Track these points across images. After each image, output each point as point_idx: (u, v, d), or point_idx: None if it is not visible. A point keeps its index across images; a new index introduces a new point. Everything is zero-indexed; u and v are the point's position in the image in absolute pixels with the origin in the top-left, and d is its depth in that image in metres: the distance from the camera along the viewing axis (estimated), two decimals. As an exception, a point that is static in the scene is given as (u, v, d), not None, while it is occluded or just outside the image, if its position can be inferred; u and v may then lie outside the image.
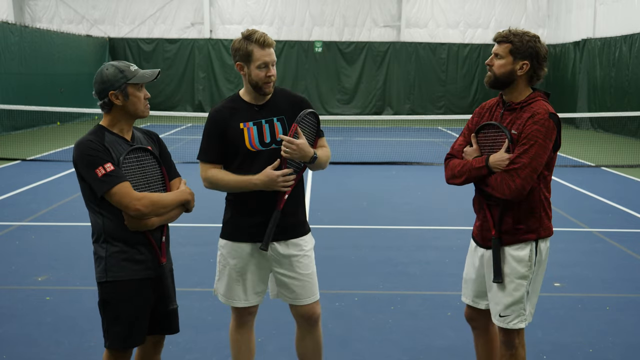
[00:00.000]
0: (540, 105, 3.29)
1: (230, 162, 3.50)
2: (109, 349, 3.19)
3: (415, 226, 8.33)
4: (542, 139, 3.21)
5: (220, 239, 3.62)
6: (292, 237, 3.53)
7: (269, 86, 3.42)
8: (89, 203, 3.11)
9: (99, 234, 3.12)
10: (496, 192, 3.27)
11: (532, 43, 3.28)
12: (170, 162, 3.32)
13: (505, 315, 3.38)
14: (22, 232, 7.67)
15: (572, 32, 23.42)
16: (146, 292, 3.17)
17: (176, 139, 17.53)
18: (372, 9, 26.01)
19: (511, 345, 3.44)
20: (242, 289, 3.56)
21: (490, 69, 3.36)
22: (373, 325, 5.06)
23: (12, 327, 4.92)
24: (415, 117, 18.42)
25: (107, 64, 3.12)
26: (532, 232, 3.35)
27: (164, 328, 3.34)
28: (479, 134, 3.44)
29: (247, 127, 3.43)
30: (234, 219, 3.56)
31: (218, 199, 3.90)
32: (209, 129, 3.50)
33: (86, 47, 23.66)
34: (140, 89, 3.12)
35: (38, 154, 14.08)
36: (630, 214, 8.97)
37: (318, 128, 3.59)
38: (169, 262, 3.31)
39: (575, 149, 15.68)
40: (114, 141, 3.10)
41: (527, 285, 3.37)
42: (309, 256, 3.59)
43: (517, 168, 3.20)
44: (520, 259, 3.34)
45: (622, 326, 5.08)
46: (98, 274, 3.14)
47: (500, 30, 3.38)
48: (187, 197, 3.24)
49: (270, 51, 3.37)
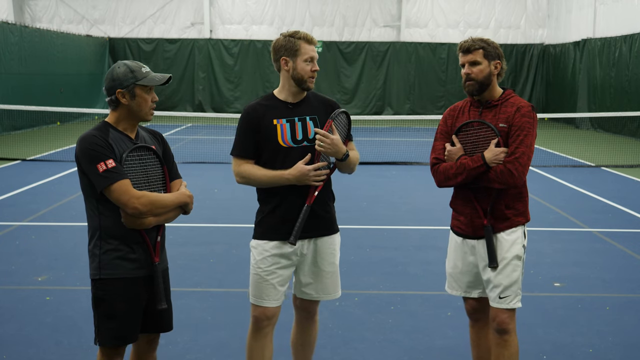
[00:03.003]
0: (519, 99, 3.57)
1: (262, 157, 3.57)
2: (101, 346, 3.19)
3: (415, 226, 8.33)
4: (531, 129, 3.49)
5: (252, 240, 3.66)
6: (321, 235, 3.62)
7: (312, 81, 3.56)
8: (88, 198, 3.13)
9: (95, 231, 3.13)
10: (497, 183, 3.47)
11: (494, 44, 3.57)
12: (172, 163, 3.34)
13: (505, 296, 3.54)
14: (22, 232, 7.67)
15: (572, 32, 23.41)
16: (139, 290, 3.17)
17: (176, 139, 17.54)
18: (372, 9, 26.01)
19: (506, 330, 3.54)
20: (272, 288, 3.58)
21: (469, 77, 3.54)
22: (373, 325, 5.07)
23: (12, 327, 4.92)
24: (415, 117, 18.43)
25: (120, 62, 3.16)
26: (521, 215, 3.60)
27: (157, 326, 3.34)
28: (459, 134, 3.60)
29: (280, 124, 3.53)
30: (266, 219, 3.60)
31: (218, 199, 3.89)
32: (243, 124, 3.58)
33: (86, 47, 23.66)
34: (148, 91, 3.14)
35: (38, 154, 14.08)
36: (630, 214, 8.97)
37: (349, 130, 3.69)
38: (163, 263, 3.31)
39: (575, 149, 15.68)
40: (118, 138, 3.12)
41: (522, 265, 3.59)
42: (336, 254, 3.71)
43: (519, 157, 3.43)
44: (514, 241, 3.55)
45: (622, 326, 5.08)
46: (92, 271, 3.15)
47: (462, 42, 3.60)
48: (186, 199, 3.25)
49: (314, 48, 3.55)
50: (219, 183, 10.86)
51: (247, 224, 8.01)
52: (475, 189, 3.56)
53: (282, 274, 3.58)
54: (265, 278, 3.56)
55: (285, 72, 3.55)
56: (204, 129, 20.85)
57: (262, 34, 25.87)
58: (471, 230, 3.62)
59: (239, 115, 3.71)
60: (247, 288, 3.69)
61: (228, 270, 6.33)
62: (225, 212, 8.73)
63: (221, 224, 8.22)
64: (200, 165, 12.72)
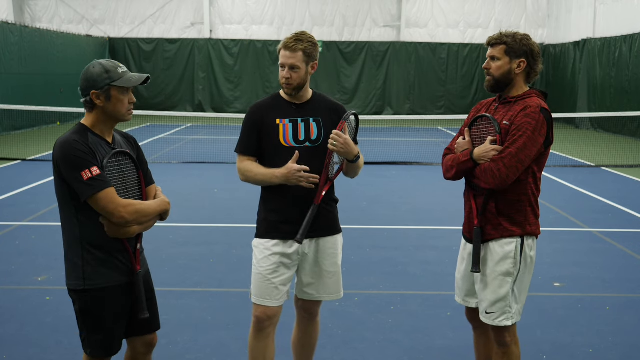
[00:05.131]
0: (533, 100, 3.36)
1: (264, 156, 3.59)
2: (91, 357, 3.14)
3: (415, 226, 8.33)
4: (531, 132, 3.26)
5: (254, 239, 3.66)
6: (323, 235, 3.63)
7: (288, 87, 3.53)
8: (66, 206, 3.01)
9: (73, 240, 3.02)
10: (481, 181, 3.34)
11: (525, 41, 3.38)
12: (147, 167, 3.24)
13: (491, 312, 3.41)
14: (22, 232, 7.67)
15: (572, 32, 23.41)
16: (123, 298, 3.11)
17: (176, 139, 17.54)
18: (372, 9, 26.00)
19: (503, 343, 3.46)
20: (274, 288, 3.58)
21: (489, 72, 3.42)
22: (373, 325, 5.07)
23: (12, 327, 4.92)
24: (415, 117, 18.44)
25: (96, 61, 3.02)
26: (517, 225, 3.37)
27: (145, 328, 3.27)
28: (472, 128, 3.52)
29: (282, 123, 3.55)
30: (268, 217, 3.61)
31: (218, 199, 3.89)
32: (247, 122, 3.61)
33: (86, 47, 23.65)
34: (125, 92, 3.01)
35: (38, 154, 14.08)
36: (630, 214, 8.97)
37: (356, 133, 3.69)
38: (143, 267, 3.25)
39: (575, 149, 15.68)
40: (97, 143, 3.00)
41: (511, 282, 3.39)
42: (338, 254, 3.71)
43: (504, 157, 3.26)
44: (506, 255, 3.37)
45: (622, 326, 5.08)
46: (73, 281, 3.04)
47: (492, 35, 3.46)
48: (167, 207, 3.17)
49: (287, 53, 3.51)
50: (219, 183, 10.86)
51: (247, 224, 8.02)
52: (473, 187, 3.45)
53: (284, 273, 3.58)
54: (267, 277, 3.56)
55: None
56: (204, 129, 20.85)
57: (262, 34, 25.88)
58: (467, 230, 3.54)
59: (239, 115, 3.74)
60: (247, 288, 3.69)
61: (228, 270, 6.33)
62: (225, 212, 8.73)
63: (221, 224, 8.22)
64: (200, 165, 12.72)
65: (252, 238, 3.69)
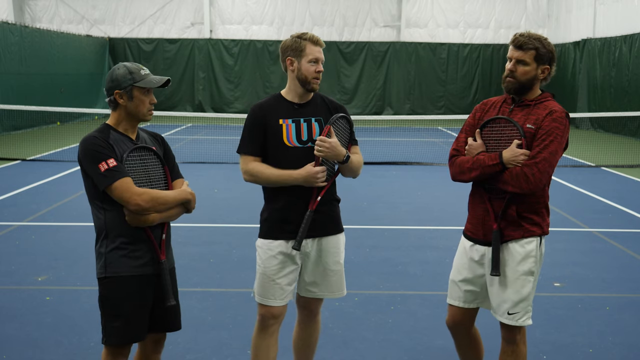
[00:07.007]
0: (555, 104, 3.34)
1: (267, 156, 3.58)
2: (106, 345, 3.21)
3: (415, 226, 8.33)
4: (560, 137, 3.26)
5: (258, 239, 3.67)
6: (325, 235, 3.64)
7: (316, 82, 3.57)
8: (93, 199, 3.17)
9: (101, 231, 3.17)
10: (510, 186, 3.26)
11: (550, 47, 3.33)
12: (173, 163, 3.38)
13: (514, 312, 3.39)
14: (22, 232, 7.67)
15: (572, 32, 23.42)
16: (145, 288, 3.19)
17: (176, 138, 17.54)
18: (372, 9, 26.01)
19: (512, 340, 3.46)
20: (278, 288, 3.58)
21: (513, 75, 3.33)
22: (373, 325, 5.07)
23: (12, 327, 4.92)
24: (415, 117, 18.44)
25: (121, 64, 3.21)
26: (536, 225, 3.37)
27: (165, 326, 3.36)
28: (484, 130, 3.44)
29: (285, 124, 3.55)
30: (271, 217, 3.61)
31: (218, 199, 3.89)
32: (250, 122, 3.60)
33: (86, 47, 23.66)
34: (146, 93, 3.18)
35: (38, 154, 14.08)
36: (630, 214, 8.97)
37: (351, 134, 3.69)
38: (169, 261, 3.33)
39: (575, 149, 15.68)
40: (119, 139, 3.17)
41: (533, 281, 3.40)
42: (341, 253, 3.72)
43: (538, 162, 3.22)
44: (527, 254, 3.36)
45: (622, 326, 5.08)
46: (98, 270, 3.19)
47: (518, 35, 3.34)
48: (188, 196, 3.27)
49: (320, 49, 3.57)
50: (219, 183, 10.87)
51: (247, 224, 8.02)
52: (490, 190, 3.38)
53: (288, 273, 3.59)
54: (272, 277, 3.57)
55: (291, 72, 3.59)
56: (203, 129, 20.85)
57: (262, 34, 25.88)
58: (481, 233, 3.44)
59: (239, 115, 3.74)
60: (248, 288, 3.70)
61: (228, 270, 6.33)
62: (225, 212, 8.73)
63: (221, 224, 8.22)
64: (200, 165, 12.72)
65: (252, 238, 3.69)
